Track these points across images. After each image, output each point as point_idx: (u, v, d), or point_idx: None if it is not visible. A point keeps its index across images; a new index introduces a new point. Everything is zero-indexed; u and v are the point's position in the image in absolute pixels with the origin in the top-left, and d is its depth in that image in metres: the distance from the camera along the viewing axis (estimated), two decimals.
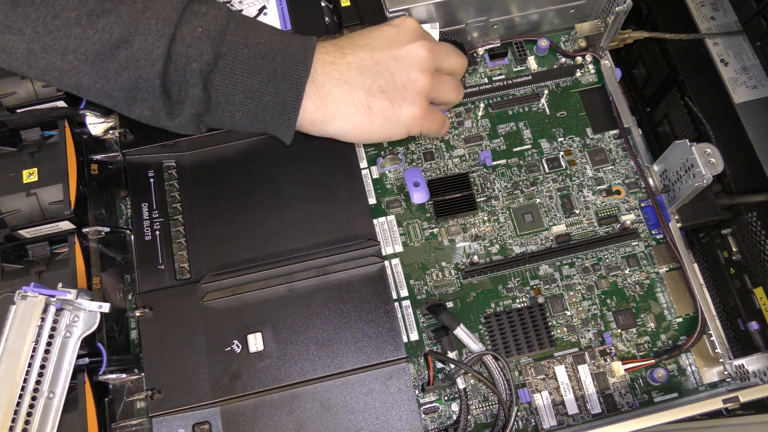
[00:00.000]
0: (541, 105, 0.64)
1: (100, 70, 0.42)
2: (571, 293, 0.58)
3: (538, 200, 0.60)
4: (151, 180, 0.56)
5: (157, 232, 0.54)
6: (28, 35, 0.41)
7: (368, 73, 0.47)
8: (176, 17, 0.42)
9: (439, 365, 0.55)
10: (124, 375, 0.51)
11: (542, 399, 0.54)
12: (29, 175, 0.52)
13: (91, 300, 0.49)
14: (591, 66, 0.65)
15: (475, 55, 0.65)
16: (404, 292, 0.57)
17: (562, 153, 0.62)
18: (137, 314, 0.52)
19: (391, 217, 0.59)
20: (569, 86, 0.65)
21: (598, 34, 0.63)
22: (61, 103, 0.55)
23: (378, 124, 0.48)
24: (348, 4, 0.60)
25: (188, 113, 0.45)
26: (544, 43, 0.64)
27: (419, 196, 0.59)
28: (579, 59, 0.65)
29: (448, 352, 0.53)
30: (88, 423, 0.48)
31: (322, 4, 0.60)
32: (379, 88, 0.47)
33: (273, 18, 0.58)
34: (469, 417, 0.53)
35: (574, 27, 0.65)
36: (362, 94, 0.47)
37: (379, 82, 0.47)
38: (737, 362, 0.54)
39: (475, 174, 0.61)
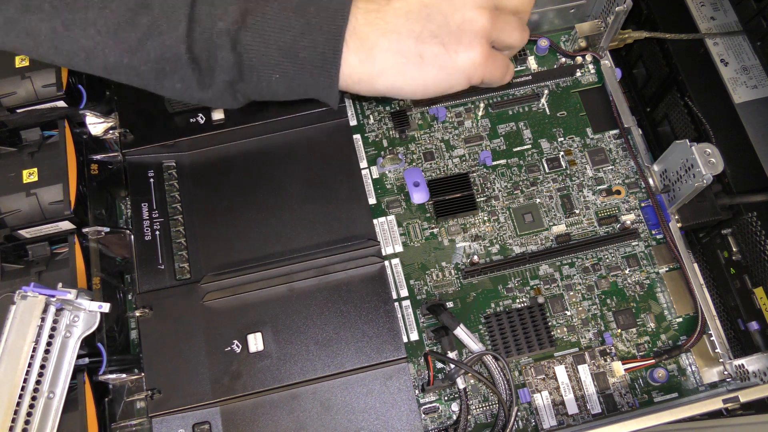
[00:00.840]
0: (541, 105, 0.64)
1: (123, 42, 0.40)
2: (571, 293, 0.58)
3: (538, 200, 0.60)
4: (151, 180, 0.56)
5: (157, 232, 0.54)
6: (47, 12, 0.40)
7: (418, 18, 0.42)
8: None
9: (439, 365, 0.55)
10: (124, 375, 0.51)
11: (542, 399, 0.54)
12: (29, 175, 0.52)
13: (91, 300, 0.49)
14: (591, 66, 0.65)
15: None
16: (404, 292, 0.57)
17: (562, 153, 0.62)
18: (137, 314, 0.52)
19: (391, 217, 0.59)
20: (569, 86, 0.65)
21: (598, 34, 0.63)
22: (61, 103, 0.55)
23: (433, 75, 0.43)
24: None
25: (221, 81, 0.42)
26: (544, 43, 0.64)
27: (419, 196, 0.59)
28: (579, 59, 0.65)
29: (448, 352, 0.53)
30: (88, 423, 0.48)
31: None
32: (431, 33, 0.42)
33: None
34: (469, 417, 0.53)
35: (574, 27, 0.65)
36: (412, 41, 0.42)
37: (431, 27, 0.42)
38: (737, 362, 0.54)
39: (475, 174, 0.61)
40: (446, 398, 0.54)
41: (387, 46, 0.42)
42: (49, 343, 0.47)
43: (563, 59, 0.65)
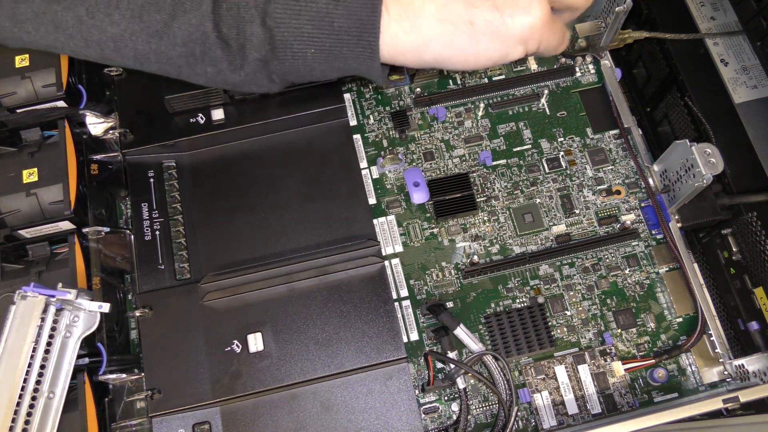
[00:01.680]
0: (541, 105, 0.64)
1: (149, 26, 0.39)
2: (571, 293, 0.58)
3: (538, 200, 0.60)
4: (151, 180, 0.56)
5: (157, 232, 0.54)
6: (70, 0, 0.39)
7: None
8: None
9: (439, 365, 0.55)
10: (124, 375, 0.51)
11: (542, 399, 0.54)
12: (29, 175, 0.52)
13: (91, 300, 0.49)
14: (591, 66, 0.65)
15: None
16: (404, 292, 0.57)
17: (562, 153, 0.62)
18: (137, 314, 0.52)
19: (391, 217, 0.59)
20: (569, 86, 0.65)
21: (598, 34, 0.63)
22: (61, 103, 0.55)
23: (486, 44, 0.39)
24: None
25: (253, 59, 0.40)
26: None
27: (419, 196, 0.59)
28: (579, 59, 0.65)
29: (448, 352, 0.53)
30: (88, 423, 0.48)
31: None
32: None
33: None
34: (469, 417, 0.53)
35: (574, 27, 0.65)
36: (461, 6, 0.38)
37: None
38: (737, 362, 0.54)
39: (475, 174, 0.61)
40: (446, 398, 0.54)
41: (433, 12, 0.38)
42: (49, 343, 0.47)
43: (563, 59, 0.65)
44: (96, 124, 0.56)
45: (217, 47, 0.39)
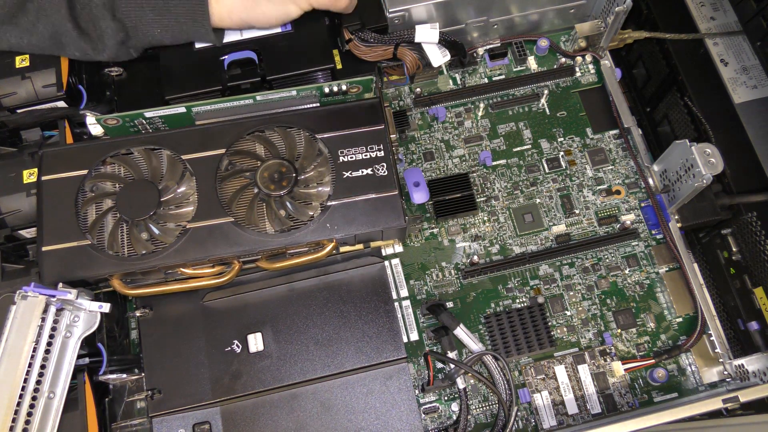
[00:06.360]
0: (541, 105, 0.64)
1: (20, 25, 0.50)
2: (571, 293, 0.58)
3: (538, 200, 0.60)
4: None
5: None
6: None
7: None
8: None
9: (439, 365, 0.55)
10: (124, 375, 0.51)
11: (542, 399, 0.54)
12: (29, 176, 0.52)
13: (92, 300, 0.49)
14: (591, 66, 0.65)
15: (475, 55, 0.65)
16: (404, 292, 0.57)
17: (562, 153, 0.62)
18: (137, 314, 0.52)
19: None
20: (569, 86, 0.65)
21: (598, 34, 0.63)
22: (61, 104, 0.55)
23: (266, 7, 0.52)
24: None
25: (112, 44, 0.51)
26: (544, 43, 0.64)
27: (419, 196, 0.59)
28: (579, 59, 0.65)
29: (448, 352, 0.53)
30: (89, 423, 0.48)
31: None
32: None
33: None
34: (469, 417, 0.53)
35: (574, 27, 0.65)
36: None
37: None
38: (737, 362, 0.54)
39: (475, 174, 0.61)
40: (446, 398, 0.54)
41: None
42: (49, 343, 0.47)
43: (563, 59, 0.65)
44: (96, 124, 0.56)
45: (79, 39, 0.51)
